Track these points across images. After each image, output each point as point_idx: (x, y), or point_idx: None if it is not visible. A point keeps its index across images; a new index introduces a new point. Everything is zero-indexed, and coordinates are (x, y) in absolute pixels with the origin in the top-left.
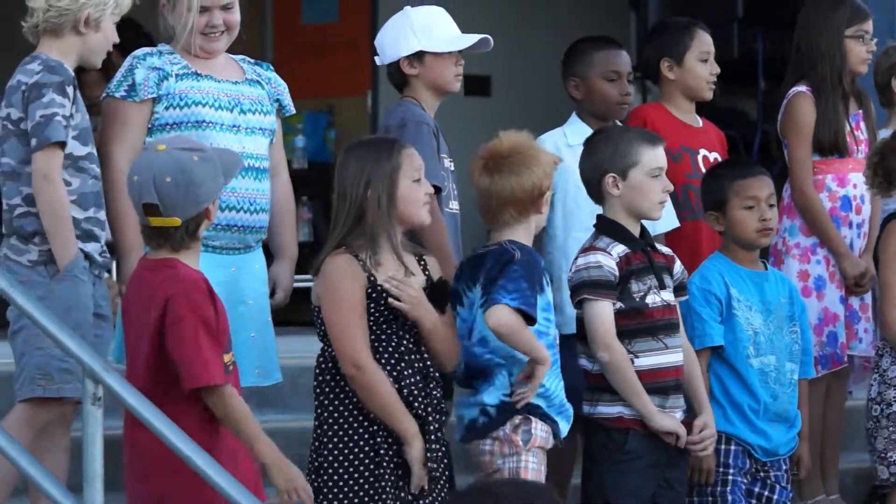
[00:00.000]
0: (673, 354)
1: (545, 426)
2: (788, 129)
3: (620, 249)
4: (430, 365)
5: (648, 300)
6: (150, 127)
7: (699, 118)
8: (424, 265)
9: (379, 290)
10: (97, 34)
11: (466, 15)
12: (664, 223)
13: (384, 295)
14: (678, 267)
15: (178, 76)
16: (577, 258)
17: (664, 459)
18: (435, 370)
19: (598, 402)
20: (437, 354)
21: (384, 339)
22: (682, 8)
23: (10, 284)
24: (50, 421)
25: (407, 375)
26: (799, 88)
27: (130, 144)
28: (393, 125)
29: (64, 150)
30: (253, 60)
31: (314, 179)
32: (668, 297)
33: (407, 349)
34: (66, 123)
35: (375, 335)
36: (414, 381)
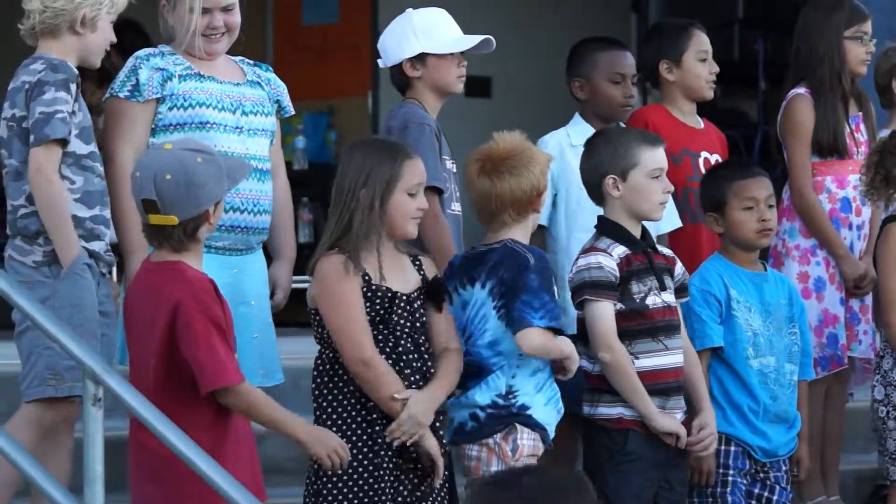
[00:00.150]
0: (673, 356)
1: (532, 433)
2: (787, 131)
3: (621, 250)
4: (429, 365)
5: (649, 301)
6: (153, 127)
7: (700, 119)
8: (419, 265)
9: (374, 289)
10: (94, 34)
11: (467, 16)
12: (667, 223)
13: (380, 295)
14: (679, 268)
15: (181, 77)
16: (577, 259)
17: (665, 460)
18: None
19: (598, 403)
20: None
21: (381, 339)
22: (683, 10)
23: (10, 285)
24: (57, 422)
25: (406, 375)
26: (798, 91)
27: (134, 144)
28: (395, 126)
29: (65, 147)
30: (252, 62)
31: (314, 180)
32: (668, 298)
33: (406, 349)
34: (68, 120)
35: (374, 336)
36: (414, 380)
